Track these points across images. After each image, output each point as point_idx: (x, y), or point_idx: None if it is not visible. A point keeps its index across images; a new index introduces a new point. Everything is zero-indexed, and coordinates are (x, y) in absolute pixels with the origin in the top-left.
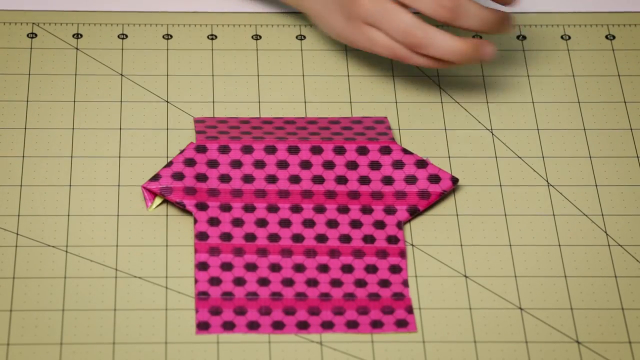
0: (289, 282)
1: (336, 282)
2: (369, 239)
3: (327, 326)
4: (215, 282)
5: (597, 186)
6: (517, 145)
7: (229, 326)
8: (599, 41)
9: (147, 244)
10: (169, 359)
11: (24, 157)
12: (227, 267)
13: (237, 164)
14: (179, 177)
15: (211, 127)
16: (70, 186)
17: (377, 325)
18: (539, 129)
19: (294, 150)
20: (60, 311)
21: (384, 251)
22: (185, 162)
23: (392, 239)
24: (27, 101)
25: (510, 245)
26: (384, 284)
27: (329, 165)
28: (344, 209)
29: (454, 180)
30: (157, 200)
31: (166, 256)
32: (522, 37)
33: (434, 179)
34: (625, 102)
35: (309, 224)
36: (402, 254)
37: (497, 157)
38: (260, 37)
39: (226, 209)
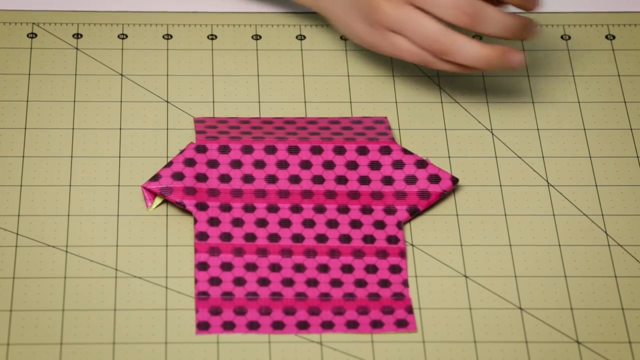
0: (289, 282)
1: (336, 282)
2: (369, 239)
3: (327, 326)
4: (215, 282)
5: (597, 186)
6: (517, 145)
7: (229, 326)
8: (599, 41)
9: (147, 244)
10: (169, 359)
11: (24, 157)
12: (227, 267)
13: (237, 164)
14: (179, 177)
15: (211, 127)
16: (70, 186)
17: (377, 325)
18: (539, 129)
19: (294, 150)
20: (60, 311)
21: (384, 251)
22: (185, 162)
23: (392, 239)
24: (27, 101)
25: (510, 245)
26: (384, 284)
27: (329, 165)
28: (344, 209)
29: (454, 180)
30: (157, 200)
31: (166, 256)
32: None
33: (434, 179)
34: (625, 102)
35: (309, 224)
36: (402, 254)
37: (497, 157)
38: (260, 37)
39: (226, 209)
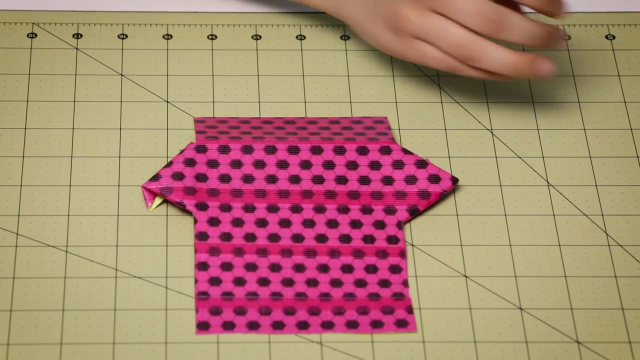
0: (289, 282)
1: (336, 282)
2: (369, 239)
3: (327, 326)
4: (215, 282)
5: (597, 186)
6: (517, 145)
7: (229, 326)
8: (599, 41)
9: (147, 244)
10: (169, 359)
11: (24, 157)
12: (227, 267)
13: (237, 164)
14: (179, 177)
15: (211, 127)
16: (70, 186)
17: (377, 325)
18: (539, 129)
19: (294, 150)
20: (60, 311)
21: (384, 251)
22: (185, 162)
23: (392, 239)
24: (27, 101)
25: (510, 245)
26: (384, 284)
27: (329, 165)
28: (344, 209)
29: (454, 180)
30: (157, 200)
31: (166, 256)
32: None
33: (434, 179)
34: (625, 102)
35: (309, 224)
36: (402, 254)
37: (497, 157)
38: (260, 37)
39: (226, 209)
